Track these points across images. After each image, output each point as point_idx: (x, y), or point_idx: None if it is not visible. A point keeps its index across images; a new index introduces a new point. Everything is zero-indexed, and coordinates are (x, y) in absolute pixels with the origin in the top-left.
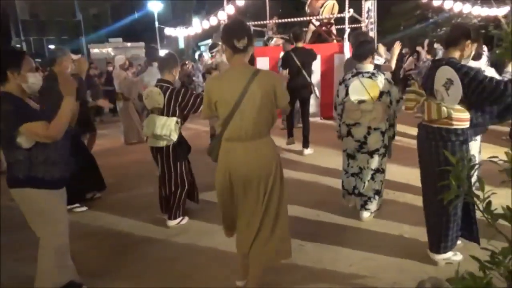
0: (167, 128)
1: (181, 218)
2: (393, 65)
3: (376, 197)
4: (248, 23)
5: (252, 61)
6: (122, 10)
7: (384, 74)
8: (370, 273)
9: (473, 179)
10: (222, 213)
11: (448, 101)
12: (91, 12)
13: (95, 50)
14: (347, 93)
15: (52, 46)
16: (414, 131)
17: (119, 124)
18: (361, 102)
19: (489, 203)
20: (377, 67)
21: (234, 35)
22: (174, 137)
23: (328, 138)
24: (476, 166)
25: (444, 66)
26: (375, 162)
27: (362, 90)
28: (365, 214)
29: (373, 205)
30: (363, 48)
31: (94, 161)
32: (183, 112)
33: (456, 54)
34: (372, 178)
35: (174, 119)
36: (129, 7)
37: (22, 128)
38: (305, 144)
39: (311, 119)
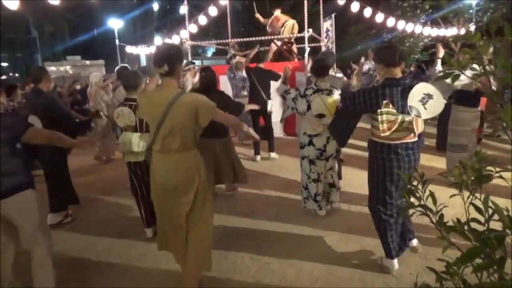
0: (142, 144)
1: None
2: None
3: (334, 189)
4: (204, 43)
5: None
6: (81, 28)
7: (338, 90)
8: None
9: None
10: (157, 219)
11: (425, 115)
12: (48, 29)
13: (51, 68)
14: (308, 108)
15: (5, 64)
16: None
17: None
18: (321, 116)
19: (442, 216)
20: (333, 81)
21: (156, 63)
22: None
23: (291, 152)
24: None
25: (420, 83)
26: (329, 163)
27: (323, 106)
28: (336, 205)
29: (336, 196)
30: (320, 66)
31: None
32: None
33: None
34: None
35: (147, 134)
36: (88, 24)
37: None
38: (271, 150)
39: (274, 135)
